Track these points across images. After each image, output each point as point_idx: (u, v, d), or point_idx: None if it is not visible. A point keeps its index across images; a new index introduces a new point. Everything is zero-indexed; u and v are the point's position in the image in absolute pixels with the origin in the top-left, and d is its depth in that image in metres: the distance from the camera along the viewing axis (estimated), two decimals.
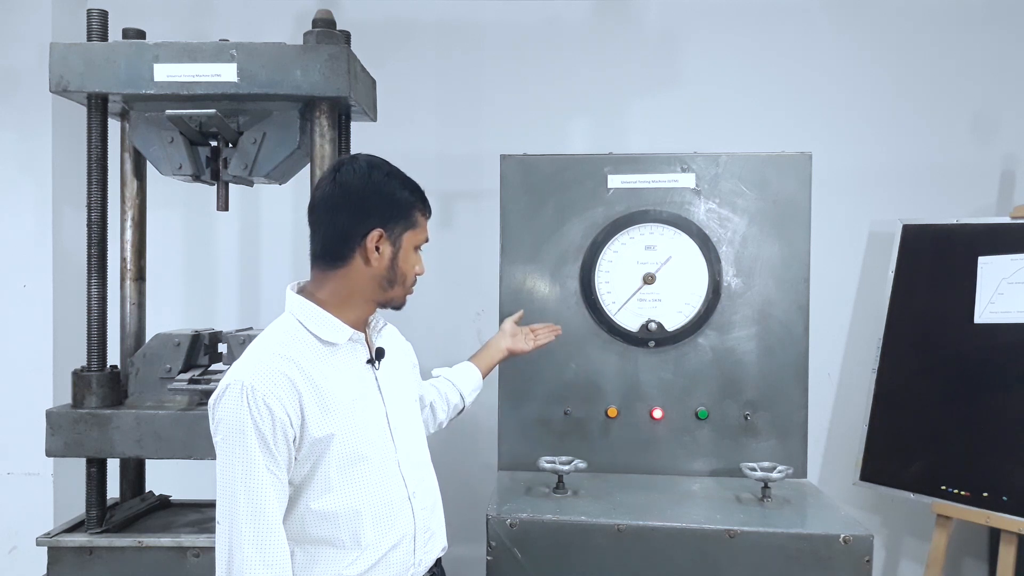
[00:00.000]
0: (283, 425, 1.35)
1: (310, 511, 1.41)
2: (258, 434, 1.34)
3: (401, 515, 1.52)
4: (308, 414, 1.39)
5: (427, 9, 3.31)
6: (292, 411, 1.37)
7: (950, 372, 2.75)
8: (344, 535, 1.43)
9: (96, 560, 2.06)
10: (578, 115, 3.31)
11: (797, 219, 2.35)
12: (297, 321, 1.48)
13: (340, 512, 1.43)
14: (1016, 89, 3.19)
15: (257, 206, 3.28)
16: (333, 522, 1.43)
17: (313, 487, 1.41)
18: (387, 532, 1.49)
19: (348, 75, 2.04)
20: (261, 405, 1.34)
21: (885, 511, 3.22)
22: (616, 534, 1.91)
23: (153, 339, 2.20)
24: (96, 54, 2.05)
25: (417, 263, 1.56)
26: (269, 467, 1.35)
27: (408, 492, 1.54)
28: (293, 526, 1.42)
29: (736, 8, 3.25)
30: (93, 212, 2.09)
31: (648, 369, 2.37)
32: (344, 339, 1.49)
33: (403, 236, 1.51)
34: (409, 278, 1.55)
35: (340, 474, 1.43)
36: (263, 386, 1.35)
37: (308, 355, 1.44)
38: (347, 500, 1.43)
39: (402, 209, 1.51)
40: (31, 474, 3.11)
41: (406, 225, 1.51)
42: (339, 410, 1.43)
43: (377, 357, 1.56)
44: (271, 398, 1.35)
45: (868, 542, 1.85)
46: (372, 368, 1.55)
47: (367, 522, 1.45)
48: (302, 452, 1.40)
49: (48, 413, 2.07)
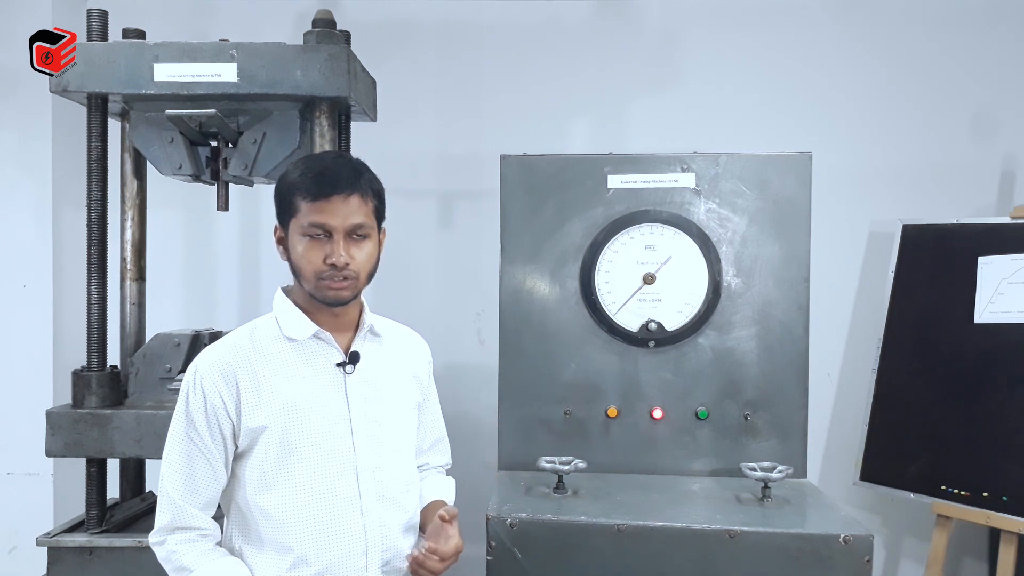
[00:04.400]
0: (215, 410, 1.43)
1: (251, 504, 1.45)
2: (193, 414, 1.44)
3: (348, 528, 1.45)
4: (245, 403, 1.43)
5: (427, 9, 3.31)
6: (228, 399, 1.43)
7: (950, 372, 2.75)
8: (279, 537, 1.43)
9: (96, 560, 2.06)
10: (578, 115, 3.31)
11: (797, 219, 2.35)
12: (273, 316, 1.53)
13: (277, 510, 1.43)
14: (1016, 89, 3.19)
15: (257, 206, 3.28)
16: (271, 520, 1.44)
17: (251, 481, 1.45)
18: (329, 544, 1.44)
19: (348, 75, 2.04)
20: (198, 389, 1.44)
21: (885, 511, 3.22)
22: (616, 534, 1.91)
23: (153, 339, 2.20)
24: (96, 54, 2.05)
25: (311, 250, 1.42)
26: (199, 446, 1.43)
27: (362, 505, 1.46)
28: (241, 518, 1.48)
29: (736, 8, 3.25)
30: (93, 212, 2.10)
31: (648, 369, 2.37)
32: (305, 335, 1.49)
33: (289, 225, 1.47)
34: (304, 268, 1.44)
35: (276, 470, 1.44)
36: (204, 372, 1.45)
37: (266, 347, 1.48)
38: (283, 500, 1.43)
39: (286, 198, 1.46)
40: (31, 474, 3.11)
41: (290, 212, 1.45)
42: (276, 403, 1.44)
43: (351, 361, 1.51)
44: (208, 384, 1.43)
45: (868, 542, 1.85)
46: (342, 371, 1.50)
47: (305, 528, 1.43)
48: (242, 441, 1.45)
49: (48, 413, 2.07)
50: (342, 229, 1.42)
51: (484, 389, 2.07)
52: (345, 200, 1.41)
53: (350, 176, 1.43)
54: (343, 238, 1.42)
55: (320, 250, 1.42)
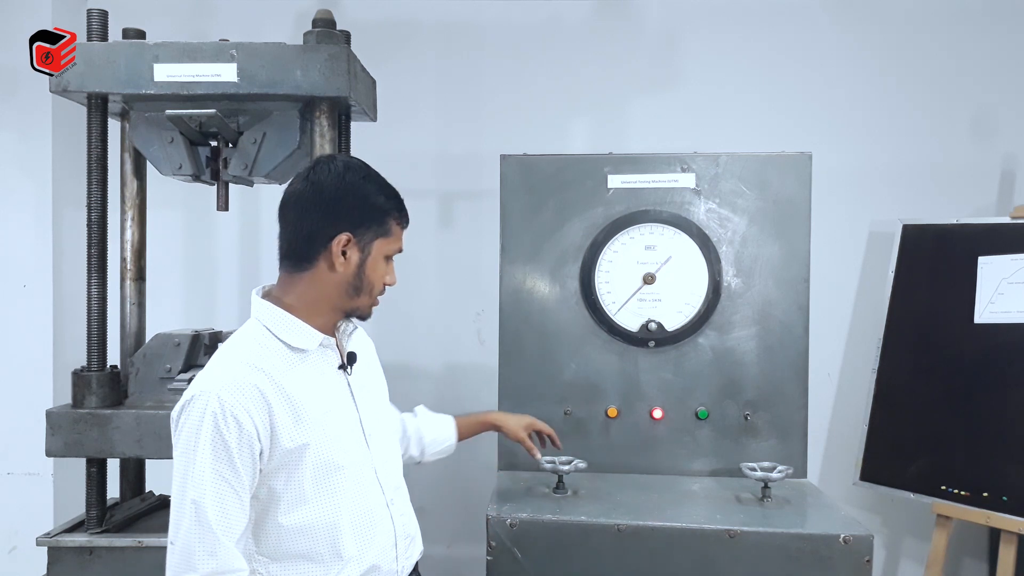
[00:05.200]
0: (250, 438, 1.31)
1: (281, 527, 1.37)
2: (224, 447, 1.29)
3: (381, 523, 1.49)
4: (279, 425, 1.34)
5: (427, 9, 3.31)
6: (261, 424, 1.32)
7: (950, 372, 2.75)
8: (323, 548, 1.39)
9: (96, 560, 2.06)
10: (578, 115, 3.31)
11: (797, 219, 2.35)
12: (264, 327, 1.42)
13: (316, 525, 1.39)
14: (1016, 89, 3.19)
15: (257, 206, 3.28)
16: (310, 536, 1.38)
17: (285, 500, 1.37)
18: (369, 542, 1.45)
19: (348, 75, 2.04)
20: (229, 418, 1.30)
21: (885, 511, 3.22)
22: (616, 534, 1.91)
23: (153, 339, 2.20)
24: (96, 54, 2.05)
25: (388, 273, 1.49)
26: (231, 483, 1.30)
27: (386, 499, 1.51)
28: (268, 543, 1.39)
29: (736, 8, 3.25)
30: (93, 212, 2.09)
31: (648, 369, 2.37)
32: (314, 345, 1.44)
33: (373, 243, 1.44)
34: (376, 288, 1.48)
35: (315, 485, 1.38)
36: (232, 398, 1.31)
37: (278, 363, 1.39)
38: (323, 512, 1.39)
39: (375, 215, 1.44)
40: (31, 474, 3.11)
41: (378, 232, 1.44)
42: (312, 419, 1.38)
43: (349, 362, 1.51)
44: (239, 410, 1.30)
45: (868, 542, 1.85)
46: (344, 374, 1.50)
47: (347, 533, 1.41)
48: (272, 464, 1.35)
49: (48, 413, 2.06)
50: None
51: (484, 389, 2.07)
52: None
53: None
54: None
55: (391, 272, 1.51)
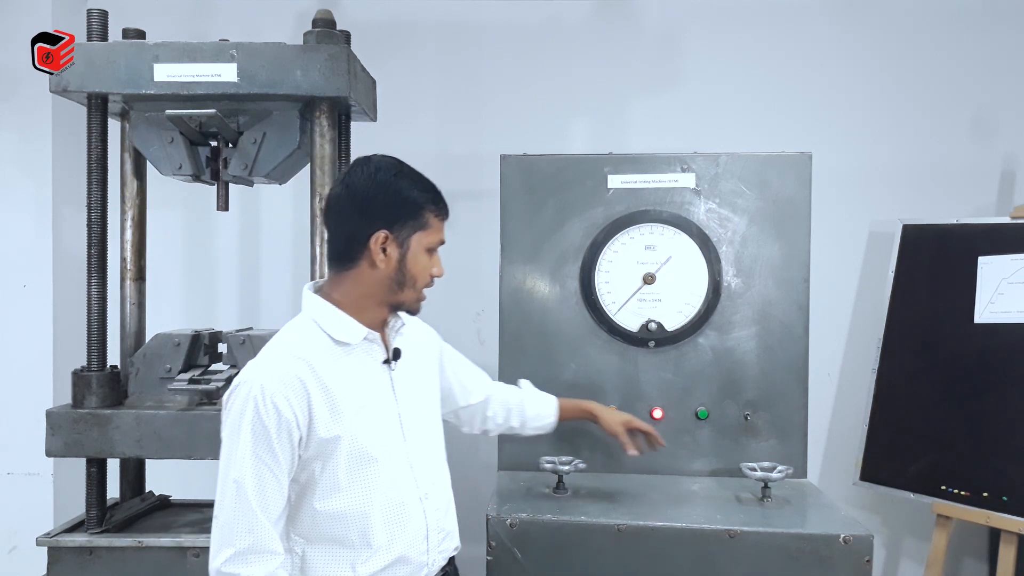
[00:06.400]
0: (288, 425, 1.38)
1: (316, 512, 1.43)
2: (264, 432, 1.36)
3: (413, 516, 1.52)
4: (316, 415, 1.41)
5: (427, 9, 3.31)
6: (300, 412, 1.39)
7: (950, 372, 2.75)
8: (353, 535, 1.45)
9: (96, 560, 2.06)
10: (578, 115, 3.31)
11: (797, 219, 2.35)
12: (313, 321, 1.49)
13: (349, 513, 1.44)
14: (1016, 89, 3.18)
15: (257, 206, 3.28)
16: (342, 522, 1.44)
17: (321, 487, 1.43)
18: (399, 533, 1.49)
19: (348, 75, 2.04)
20: (269, 405, 1.37)
21: (885, 511, 3.22)
22: (616, 534, 1.91)
23: (153, 339, 2.20)
24: (96, 54, 2.05)
25: (433, 265, 1.53)
26: (270, 466, 1.37)
27: (420, 493, 1.54)
28: (304, 525, 1.45)
29: (736, 8, 3.25)
30: (93, 212, 2.10)
31: (648, 369, 2.37)
32: (358, 339, 1.49)
33: (411, 237, 1.48)
34: (420, 281, 1.51)
35: (348, 475, 1.44)
36: (273, 386, 1.38)
37: (321, 356, 1.45)
38: (355, 501, 1.44)
39: (410, 209, 1.48)
40: (31, 474, 3.11)
41: (415, 226, 1.48)
42: (347, 412, 1.44)
43: (394, 357, 1.56)
44: (279, 398, 1.37)
45: (868, 542, 1.85)
46: (388, 368, 1.55)
47: (377, 523, 1.46)
48: (309, 452, 1.41)
49: (48, 413, 2.07)
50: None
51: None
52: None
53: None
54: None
55: (434, 264, 1.53)
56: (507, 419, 1.97)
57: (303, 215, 2.35)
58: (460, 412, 1.91)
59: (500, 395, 1.97)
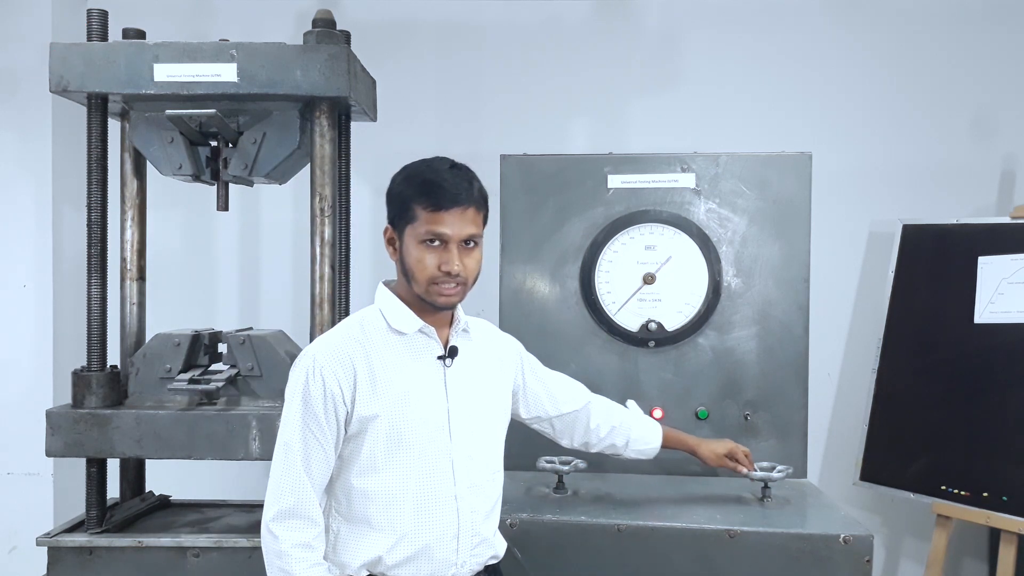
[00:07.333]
0: (334, 398, 1.47)
1: (353, 488, 1.50)
2: (311, 402, 1.47)
3: (444, 511, 1.53)
4: (360, 392, 1.49)
5: (427, 9, 3.31)
6: (346, 387, 1.48)
7: (950, 372, 2.75)
8: (382, 518, 1.49)
9: (96, 560, 2.06)
10: (578, 115, 3.31)
11: (797, 219, 2.35)
12: (378, 309, 1.59)
13: (381, 493, 1.49)
14: (1016, 89, 3.18)
15: (257, 206, 3.28)
16: (375, 502, 1.49)
17: (359, 463, 1.50)
18: (427, 525, 1.51)
19: (348, 75, 2.04)
20: (318, 377, 1.47)
21: (885, 511, 3.22)
22: (616, 534, 1.91)
23: (153, 339, 2.20)
24: (96, 54, 2.05)
25: (435, 258, 1.49)
26: (316, 434, 1.47)
27: (456, 491, 1.54)
28: (342, 501, 1.52)
29: (736, 8, 3.25)
30: (93, 212, 2.10)
31: (648, 369, 2.37)
32: (412, 329, 1.55)
33: (404, 231, 1.53)
34: (419, 274, 1.51)
35: (386, 455, 1.50)
36: (323, 359, 1.49)
37: (376, 339, 1.54)
38: (389, 483, 1.49)
39: (399, 203, 1.53)
40: (31, 474, 3.11)
41: (406, 219, 1.52)
42: (388, 394, 1.50)
43: (449, 355, 1.58)
44: (328, 372, 1.47)
45: (868, 542, 1.85)
46: (442, 364, 1.57)
47: (407, 510, 1.50)
48: (352, 428, 1.50)
49: (48, 413, 2.07)
50: (456, 239, 1.50)
51: None
52: (462, 212, 1.50)
53: (467, 189, 1.51)
54: (456, 247, 1.50)
55: (435, 257, 1.50)
56: (611, 435, 1.97)
57: (303, 215, 2.35)
58: (555, 422, 1.93)
59: (603, 409, 1.97)
